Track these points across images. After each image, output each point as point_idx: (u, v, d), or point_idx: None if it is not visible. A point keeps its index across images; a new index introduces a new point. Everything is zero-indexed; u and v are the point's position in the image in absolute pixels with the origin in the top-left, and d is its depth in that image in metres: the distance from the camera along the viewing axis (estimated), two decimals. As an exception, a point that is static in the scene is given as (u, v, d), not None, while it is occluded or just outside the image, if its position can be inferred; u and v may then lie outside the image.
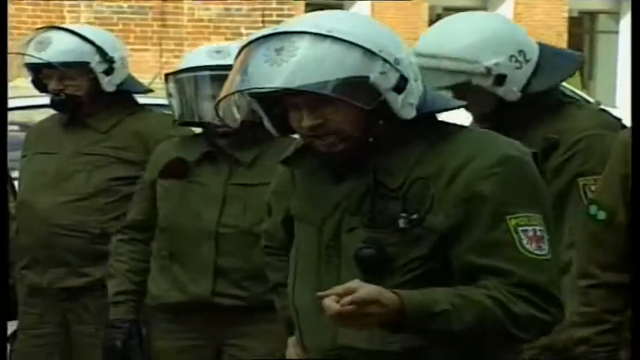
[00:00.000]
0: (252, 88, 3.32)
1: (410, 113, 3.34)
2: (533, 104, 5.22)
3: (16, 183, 6.66)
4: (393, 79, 3.30)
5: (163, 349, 6.14)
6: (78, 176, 5.67)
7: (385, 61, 3.28)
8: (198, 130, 6.33)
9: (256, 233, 5.36)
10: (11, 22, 26.52)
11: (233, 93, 3.50)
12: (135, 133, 5.65)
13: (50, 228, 5.93)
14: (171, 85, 5.73)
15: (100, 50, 5.83)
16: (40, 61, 5.78)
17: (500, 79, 5.40)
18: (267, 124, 3.58)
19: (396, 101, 3.30)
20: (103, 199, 5.63)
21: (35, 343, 5.73)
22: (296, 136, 3.87)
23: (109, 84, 5.89)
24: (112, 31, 29.14)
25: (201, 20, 26.15)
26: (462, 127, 3.69)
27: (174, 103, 5.68)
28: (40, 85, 5.91)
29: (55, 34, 5.92)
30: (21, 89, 9.90)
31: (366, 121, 3.33)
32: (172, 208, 5.86)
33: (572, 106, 5.54)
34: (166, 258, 6.03)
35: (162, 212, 5.86)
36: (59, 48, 5.81)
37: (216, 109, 3.75)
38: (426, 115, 3.45)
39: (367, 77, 3.27)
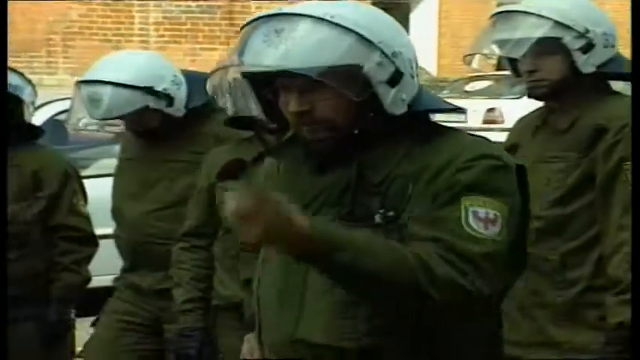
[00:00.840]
0: (254, 66, 3.35)
1: (400, 109, 3.29)
2: (595, 86, 5.12)
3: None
4: (387, 71, 3.26)
5: (234, 348, 5.70)
6: (160, 185, 5.68)
7: (382, 52, 3.25)
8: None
9: None
10: (82, 22, 27.05)
11: (225, 67, 3.80)
12: (214, 135, 5.60)
13: (142, 237, 5.86)
14: (226, 83, 5.35)
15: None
16: None
17: (588, 47, 5.23)
18: (255, 107, 3.68)
19: (388, 95, 3.27)
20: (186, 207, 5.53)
21: (124, 327, 5.85)
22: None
23: None
24: (180, 30, 29.50)
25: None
26: (451, 128, 3.63)
27: (229, 101, 5.42)
28: None
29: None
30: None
31: (354, 112, 3.29)
32: None
33: (616, 95, 5.42)
34: (234, 258, 5.72)
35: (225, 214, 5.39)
36: None
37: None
38: (417, 113, 3.40)
39: (361, 67, 3.23)
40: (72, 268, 5.80)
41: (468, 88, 23.60)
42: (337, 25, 3.17)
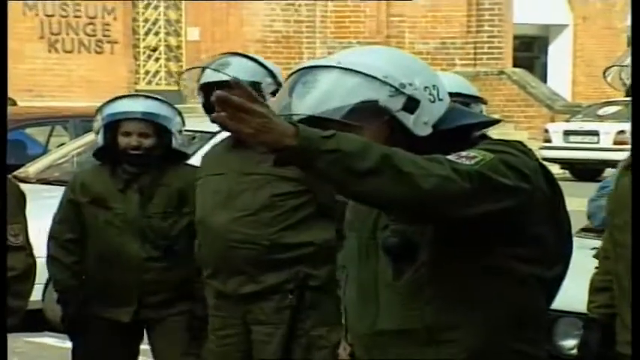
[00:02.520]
0: (288, 114, 3.31)
1: (424, 131, 3.33)
2: None
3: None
4: (400, 101, 3.29)
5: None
6: (245, 195, 5.43)
7: (390, 85, 3.29)
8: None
9: None
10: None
11: (280, 115, 3.33)
12: None
13: (227, 242, 5.62)
14: None
15: (271, 73, 5.68)
16: (219, 79, 5.39)
17: None
18: None
19: (409, 120, 3.29)
20: (269, 214, 5.42)
21: (223, 343, 5.55)
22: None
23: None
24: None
25: (421, 53, 24.32)
26: (480, 139, 3.57)
27: None
28: (209, 107, 5.40)
29: (232, 58, 5.73)
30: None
31: (387, 139, 3.28)
32: None
33: None
34: None
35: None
36: (236, 69, 5.55)
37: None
38: (453, 130, 3.41)
39: (376, 101, 3.29)
40: None
41: (600, 112, 23.08)
42: (344, 69, 3.31)
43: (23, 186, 6.11)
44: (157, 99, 6.10)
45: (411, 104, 3.27)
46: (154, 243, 5.94)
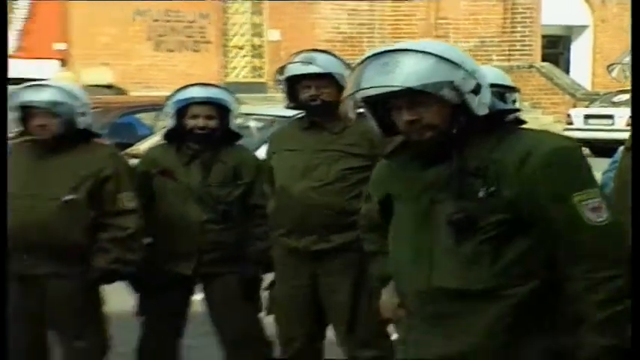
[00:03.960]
0: (375, 87, 3.35)
1: (484, 111, 3.34)
2: None
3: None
4: (471, 84, 3.31)
5: None
6: (320, 168, 5.34)
7: (465, 70, 3.30)
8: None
9: None
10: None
11: (353, 93, 3.51)
12: (362, 133, 5.20)
13: (304, 207, 5.54)
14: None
15: (348, 66, 5.34)
16: (307, 72, 5.35)
17: None
18: (373, 124, 3.60)
19: (474, 101, 3.31)
20: (340, 184, 5.34)
21: (291, 292, 5.48)
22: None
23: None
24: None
25: (463, 50, 25.17)
26: (520, 124, 3.76)
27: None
28: (293, 95, 5.52)
29: (316, 54, 5.53)
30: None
31: (451, 116, 3.32)
32: None
33: None
34: None
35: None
36: (322, 62, 5.37)
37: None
38: (496, 114, 3.44)
39: (452, 81, 3.29)
40: (262, 237, 5.74)
41: (615, 99, 22.99)
42: (429, 54, 3.28)
43: (134, 160, 6.35)
44: (219, 87, 6.09)
45: (477, 87, 3.28)
46: (212, 208, 5.86)
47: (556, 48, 32.75)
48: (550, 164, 3.28)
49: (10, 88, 6.12)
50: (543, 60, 27.09)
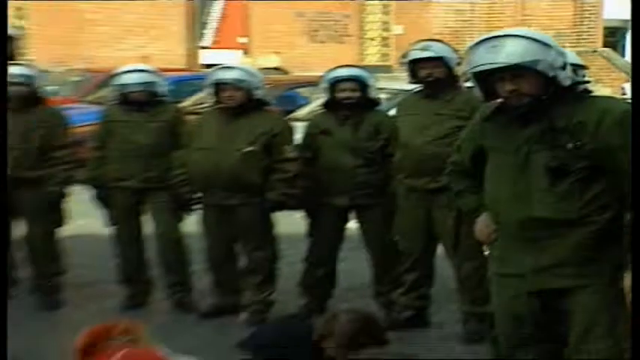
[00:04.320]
0: (487, 63, 3.31)
1: (568, 82, 3.32)
2: None
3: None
4: (560, 61, 3.29)
5: None
6: (433, 127, 5.26)
7: (556, 51, 3.28)
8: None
9: None
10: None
11: (472, 69, 3.46)
12: (466, 101, 5.12)
13: (420, 156, 5.43)
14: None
15: (455, 51, 5.48)
16: (422, 57, 5.34)
17: None
18: (478, 92, 3.54)
19: (561, 75, 3.28)
20: (448, 139, 5.03)
21: (410, 220, 5.41)
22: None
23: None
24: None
25: None
26: (589, 93, 3.63)
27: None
28: (414, 75, 5.45)
29: (432, 43, 5.54)
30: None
31: (543, 86, 3.30)
32: None
33: None
34: None
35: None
36: (437, 49, 5.37)
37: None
38: (573, 85, 3.40)
39: (546, 59, 3.27)
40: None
41: None
42: (531, 38, 3.30)
43: (295, 123, 6.42)
44: (359, 67, 6.00)
45: (564, 64, 3.28)
46: (361, 156, 5.73)
47: (614, 37, 31.99)
48: (621, 123, 3.25)
49: (207, 70, 6.29)
50: (604, 46, 26.41)
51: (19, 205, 6.00)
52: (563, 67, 3.33)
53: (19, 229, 6.08)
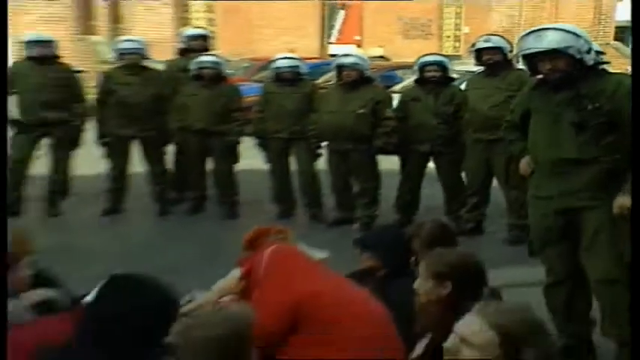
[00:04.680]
0: (533, 48, 3.19)
1: (591, 62, 3.18)
2: None
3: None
4: (586, 47, 3.17)
5: None
6: (493, 96, 5.02)
7: (585, 41, 3.16)
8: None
9: None
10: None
11: (521, 52, 3.35)
12: (517, 77, 4.92)
13: (484, 118, 5.23)
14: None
15: (510, 44, 5.24)
16: (485, 46, 5.13)
17: None
18: (526, 69, 3.44)
19: (586, 57, 3.16)
20: (504, 105, 4.67)
21: (476, 162, 5.25)
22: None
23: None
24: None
25: None
26: (602, 71, 3.40)
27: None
28: (478, 59, 5.20)
29: (493, 37, 5.33)
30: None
31: (572, 65, 3.17)
32: None
33: None
34: None
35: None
36: (496, 41, 5.18)
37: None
38: (595, 64, 3.25)
39: (575, 46, 3.14)
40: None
41: None
42: (566, 30, 3.14)
43: (393, 94, 6.09)
44: (439, 55, 5.95)
45: (589, 50, 3.13)
46: (440, 117, 5.53)
47: (623, 34, 29.86)
48: (630, 92, 3.09)
49: (332, 58, 6.25)
50: (615, 40, 24.60)
51: (210, 148, 5.99)
52: (589, 52, 3.17)
53: (210, 165, 6.15)
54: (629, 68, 3.92)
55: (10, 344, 1.91)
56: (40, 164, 6.02)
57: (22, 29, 9.86)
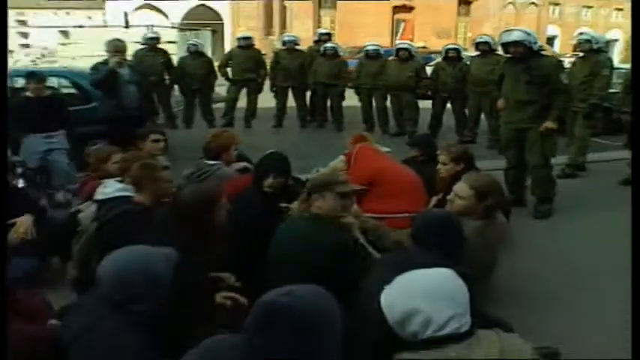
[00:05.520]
0: None
1: (536, 49, 3.14)
2: None
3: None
4: (534, 40, 3.17)
5: None
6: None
7: (533, 36, 3.23)
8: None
9: None
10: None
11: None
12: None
13: (480, 80, 5.67)
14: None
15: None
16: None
17: None
18: (502, 51, 3.54)
19: (534, 46, 3.10)
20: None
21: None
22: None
23: None
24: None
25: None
26: (543, 53, 3.59)
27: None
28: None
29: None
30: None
31: (526, 50, 3.24)
32: None
33: None
34: None
35: None
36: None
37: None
38: (538, 50, 3.25)
39: (529, 39, 3.21)
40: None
41: None
42: (524, 31, 3.19)
43: None
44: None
45: (536, 42, 3.21)
46: (455, 79, 7.07)
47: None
48: (558, 65, 3.54)
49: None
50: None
51: (328, 94, 7.21)
52: (535, 43, 3.82)
53: (328, 103, 7.83)
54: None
55: (227, 186, 2.59)
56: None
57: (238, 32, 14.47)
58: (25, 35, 21.08)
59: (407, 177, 3.40)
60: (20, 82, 5.30)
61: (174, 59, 8.28)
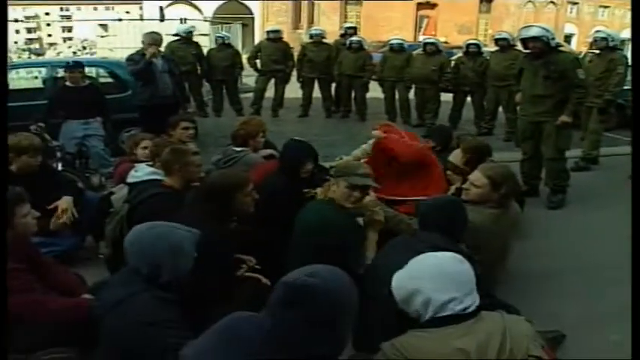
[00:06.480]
0: None
1: (554, 45, 3.06)
2: None
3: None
4: (552, 36, 3.17)
5: None
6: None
7: (551, 33, 3.19)
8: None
9: None
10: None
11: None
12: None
13: (499, 75, 5.60)
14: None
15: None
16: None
17: None
18: (522, 46, 3.37)
19: (552, 42, 3.06)
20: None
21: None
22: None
23: None
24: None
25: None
26: (560, 49, 3.56)
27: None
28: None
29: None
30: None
31: (544, 46, 3.19)
32: None
33: None
34: None
35: None
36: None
37: None
38: (556, 46, 3.15)
39: (547, 35, 3.16)
40: None
41: None
42: (542, 27, 3.10)
43: None
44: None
45: (554, 38, 3.17)
46: (475, 72, 7.01)
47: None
48: (574, 61, 3.45)
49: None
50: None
51: (352, 85, 7.31)
52: (553, 39, 3.76)
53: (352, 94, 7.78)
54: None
55: (255, 171, 2.70)
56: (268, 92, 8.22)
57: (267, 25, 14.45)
58: (68, 29, 21.61)
59: (430, 158, 3.46)
60: (62, 72, 5.41)
61: (205, 51, 8.33)
